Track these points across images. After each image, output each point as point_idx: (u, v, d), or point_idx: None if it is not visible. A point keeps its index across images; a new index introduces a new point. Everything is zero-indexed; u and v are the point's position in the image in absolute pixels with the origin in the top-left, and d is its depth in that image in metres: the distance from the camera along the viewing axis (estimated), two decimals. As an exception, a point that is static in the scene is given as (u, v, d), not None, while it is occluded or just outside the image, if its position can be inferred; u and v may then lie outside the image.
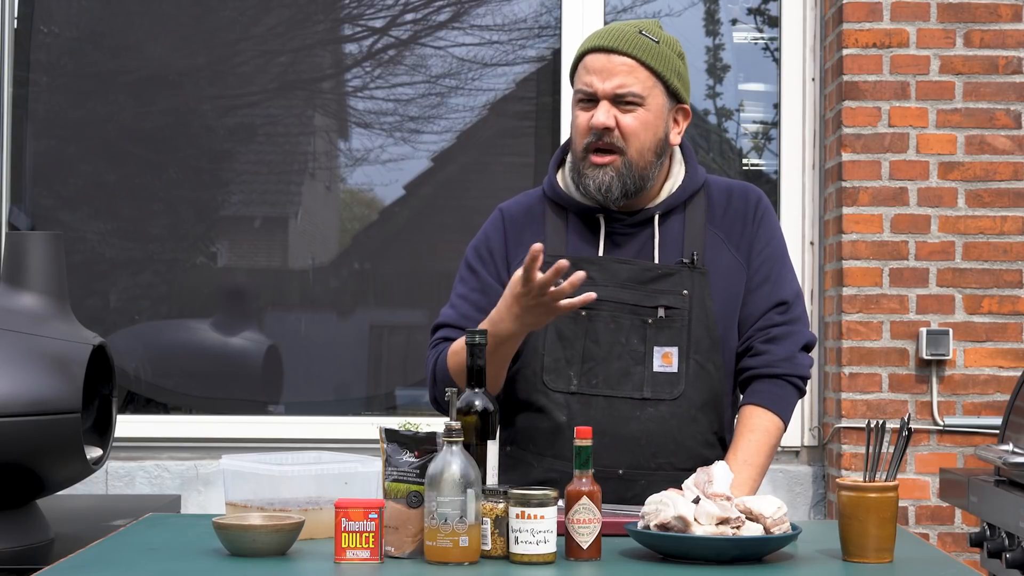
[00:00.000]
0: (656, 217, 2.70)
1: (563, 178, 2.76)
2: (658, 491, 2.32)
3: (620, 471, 2.62)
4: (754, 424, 2.65)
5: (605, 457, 2.60)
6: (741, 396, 2.75)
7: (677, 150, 2.76)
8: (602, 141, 2.63)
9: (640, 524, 2.22)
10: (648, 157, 2.66)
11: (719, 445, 2.71)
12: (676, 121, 2.71)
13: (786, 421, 2.70)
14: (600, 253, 2.70)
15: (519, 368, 2.70)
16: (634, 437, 2.64)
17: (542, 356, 2.67)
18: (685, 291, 2.66)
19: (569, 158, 2.75)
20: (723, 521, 2.17)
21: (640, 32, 2.64)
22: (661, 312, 2.66)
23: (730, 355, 2.71)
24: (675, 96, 2.69)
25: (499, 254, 2.75)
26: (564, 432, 2.64)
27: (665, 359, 2.66)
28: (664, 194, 2.72)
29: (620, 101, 2.63)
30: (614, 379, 2.66)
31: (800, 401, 4.52)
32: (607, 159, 2.64)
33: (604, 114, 2.62)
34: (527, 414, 2.70)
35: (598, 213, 2.71)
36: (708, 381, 2.67)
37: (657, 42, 2.65)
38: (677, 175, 2.74)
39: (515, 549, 2.16)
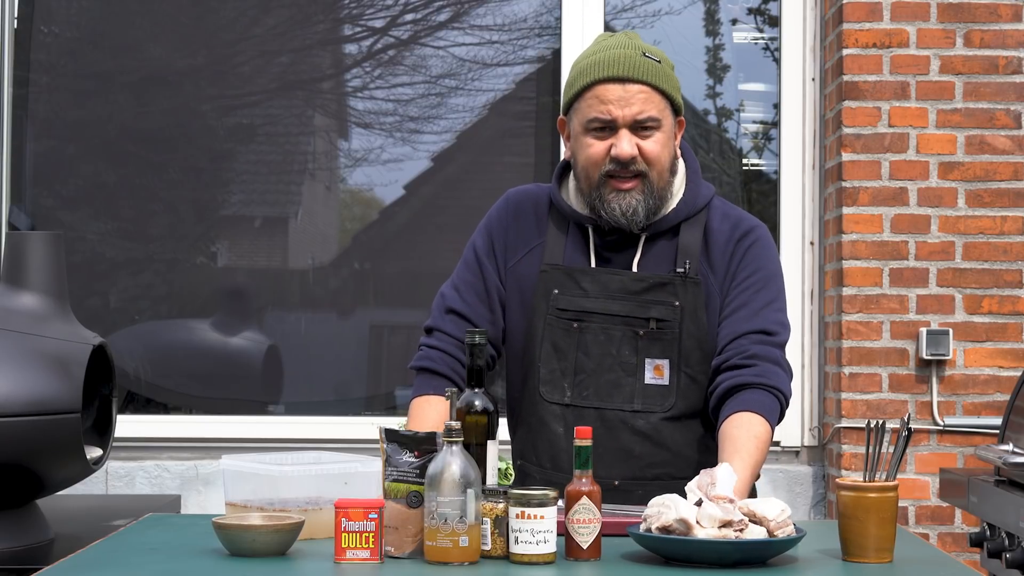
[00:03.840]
0: (642, 238, 2.69)
1: (566, 192, 2.76)
2: None
3: (616, 482, 2.62)
4: (741, 425, 2.53)
5: (600, 468, 2.59)
6: (720, 407, 2.62)
7: (680, 165, 2.75)
8: (626, 169, 2.63)
9: (642, 527, 2.21)
10: (666, 176, 2.67)
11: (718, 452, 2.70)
12: (675, 134, 2.72)
13: (772, 430, 2.58)
14: (592, 265, 2.70)
15: (524, 380, 2.71)
16: (627, 449, 2.63)
17: (539, 368, 2.68)
18: (677, 302, 2.65)
19: (574, 182, 2.74)
20: (726, 524, 2.16)
21: (644, 55, 2.64)
22: (653, 324, 2.66)
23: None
24: (677, 110, 2.70)
25: (500, 245, 2.76)
26: (561, 443, 2.64)
27: (657, 371, 2.65)
28: (658, 215, 2.70)
29: (640, 127, 2.63)
30: (604, 391, 2.65)
31: (800, 400, 4.56)
32: (630, 184, 2.64)
33: (628, 143, 2.62)
34: (530, 426, 2.71)
35: (587, 223, 2.70)
36: (700, 393, 2.65)
37: (659, 62, 2.65)
38: (675, 195, 2.72)
39: (515, 549, 2.16)
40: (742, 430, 2.53)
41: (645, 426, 2.63)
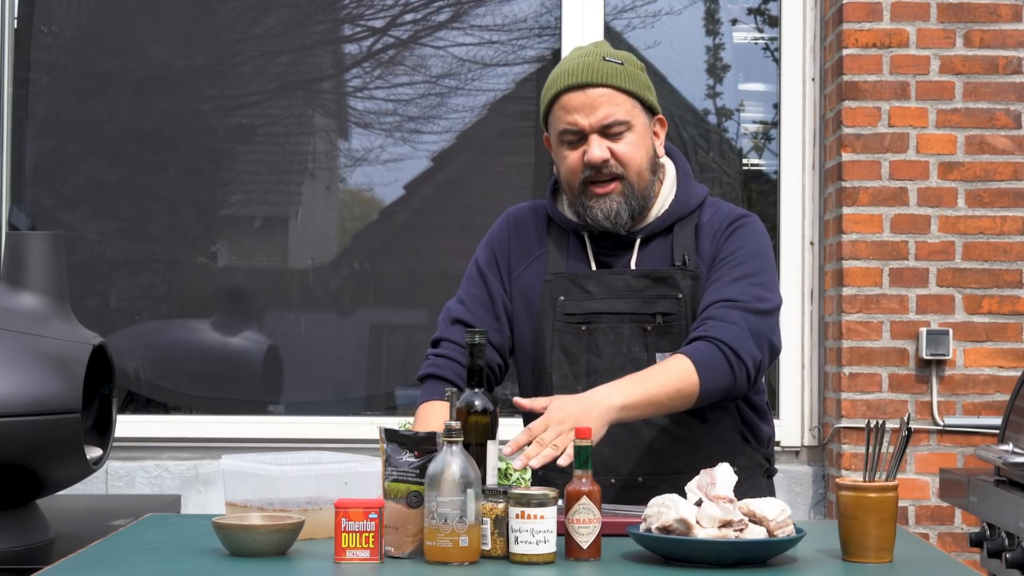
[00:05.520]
0: (637, 241, 2.72)
1: (560, 204, 2.80)
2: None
3: (640, 478, 2.63)
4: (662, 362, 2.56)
5: (623, 466, 2.62)
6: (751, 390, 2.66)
7: (670, 169, 2.78)
8: (601, 173, 2.65)
9: (642, 527, 2.21)
10: (646, 176, 2.69)
11: (741, 441, 2.71)
12: (656, 133, 2.74)
13: (704, 381, 2.52)
14: (593, 268, 2.73)
15: (537, 389, 2.72)
16: (648, 444, 2.65)
17: (551, 375, 2.69)
18: (680, 295, 2.67)
19: (564, 195, 2.77)
20: (726, 524, 2.17)
21: (604, 59, 2.67)
22: (659, 318, 2.67)
23: None
24: (651, 110, 2.72)
25: (503, 258, 2.78)
26: None
27: None
28: (651, 217, 2.73)
29: (608, 131, 2.65)
30: None
31: (800, 400, 4.55)
32: (609, 187, 2.66)
33: (598, 148, 2.64)
34: None
35: (583, 231, 2.72)
36: None
37: (621, 64, 2.68)
38: (667, 197, 2.75)
39: (515, 549, 2.16)
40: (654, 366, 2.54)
41: (662, 419, 2.64)
